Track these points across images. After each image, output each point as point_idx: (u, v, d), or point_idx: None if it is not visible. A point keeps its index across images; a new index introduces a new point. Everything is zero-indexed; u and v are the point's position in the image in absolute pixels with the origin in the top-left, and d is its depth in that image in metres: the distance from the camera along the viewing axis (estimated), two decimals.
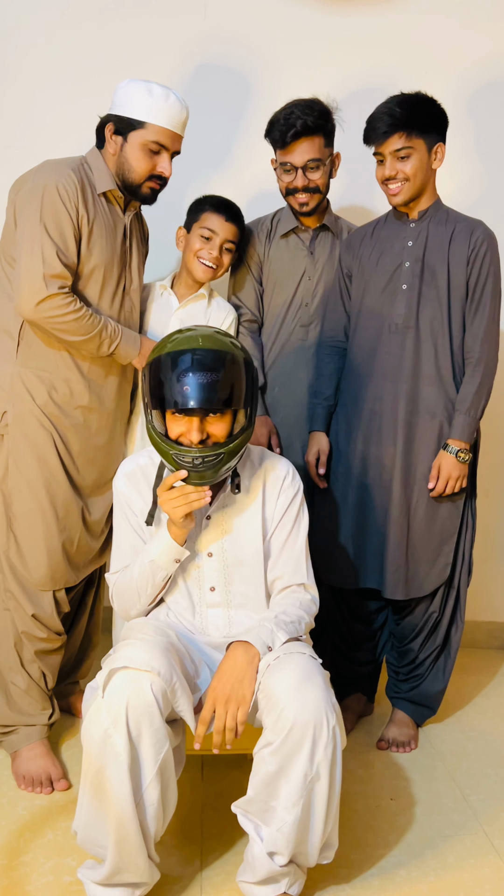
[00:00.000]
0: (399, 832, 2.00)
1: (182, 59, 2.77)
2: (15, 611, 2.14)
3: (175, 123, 2.09)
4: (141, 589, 1.82)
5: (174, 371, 1.66)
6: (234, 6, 2.76)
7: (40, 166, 2.08)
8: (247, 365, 1.73)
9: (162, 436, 1.72)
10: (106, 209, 2.12)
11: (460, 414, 2.22)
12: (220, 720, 1.64)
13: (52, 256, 1.98)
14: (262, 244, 2.45)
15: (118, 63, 2.69)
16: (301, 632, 1.79)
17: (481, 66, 2.81)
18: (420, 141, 2.15)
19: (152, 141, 2.08)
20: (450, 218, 2.25)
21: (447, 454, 2.22)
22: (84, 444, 2.18)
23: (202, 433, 1.69)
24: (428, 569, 2.30)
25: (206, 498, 1.70)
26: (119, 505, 1.88)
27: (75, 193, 2.02)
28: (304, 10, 2.76)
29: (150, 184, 2.13)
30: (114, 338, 2.10)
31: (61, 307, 1.99)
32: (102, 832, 1.61)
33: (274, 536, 1.87)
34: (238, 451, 1.72)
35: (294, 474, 1.89)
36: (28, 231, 2.00)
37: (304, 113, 2.25)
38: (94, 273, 2.09)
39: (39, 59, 2.74)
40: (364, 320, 2.30)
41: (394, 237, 2.28)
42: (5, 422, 2.10)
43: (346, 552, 2.33)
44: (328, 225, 2.44)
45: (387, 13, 2.76)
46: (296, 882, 1.72)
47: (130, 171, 2.10)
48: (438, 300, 2.21)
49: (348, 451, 2.33)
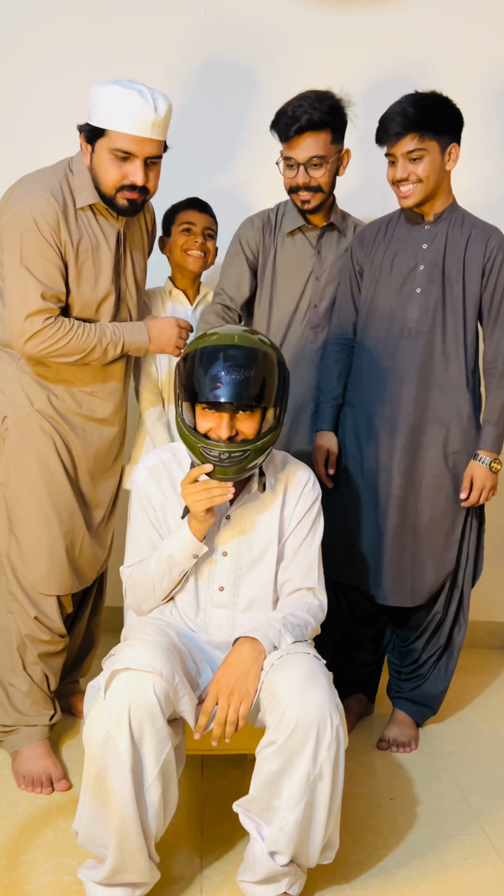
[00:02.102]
0: (399, 832, 2.00)
1: (181, 59, 2.76)
2: (18, 613, 2.14)
3: (141, 127, 1.93)
4: (156, 583, 1.82)
5: (207, 366, 1.68)
6: (234, 6, 2.75)
7: (22, 187, 2.01)
8: (279, 365, 1.75)
9: (191, 429, 1.73)
10: (93, 223, 2.05)
11: (489, 425, 2.22)
12: (223, 712, 1.64)
13: (34, 294, 1.95)
14: (265, 237, 2.38)
15: (117, 62, 2.68)
16: (307, 636, 1.80)
17: (495, 63, 2.78)
18: (433, 142, 2.10)
19: (115, 148, 1.95)
20: (465, 222, 2.22)
21: (480, 465, 2.22)
22: (86, 447, 2.17)
23: (231, 429, 1.70)
24: (429, 575, 2.30)
25: (229, 494, 1.70)
26: (138, 498, 1.88)
27: (55, 221, 1.95)
28: (305, 10, 2.75)
29: (124, 194, 2.00)
30: (116, 339, 2.08)
31: (51, 337, 1.98)
32: (103, 832, 1.62)
33: (289, 540, 1.87)
34: (265, 449, 1.73)
35: (315, 481, 1.91)
36: (10, 268, 1.98)
37: (311, 107, 2.17)
38: (84, 297, 2.07)
39: (38, 59, 2.74)
40: (376, 321, 2.27)
41: (408, 238, 2.25)
42: (6, 426, 2.10)
43: (347, 551, 2.33)
44: (335, 223, 2.38)
45: (391, 12, 2.75)
46: (296, 882, 1.72)
47: (100, 182, 2.00)
48: (453, 306, 2.19)
49: (355, 452, 2.32)
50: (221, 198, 2.59)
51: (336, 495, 2.36)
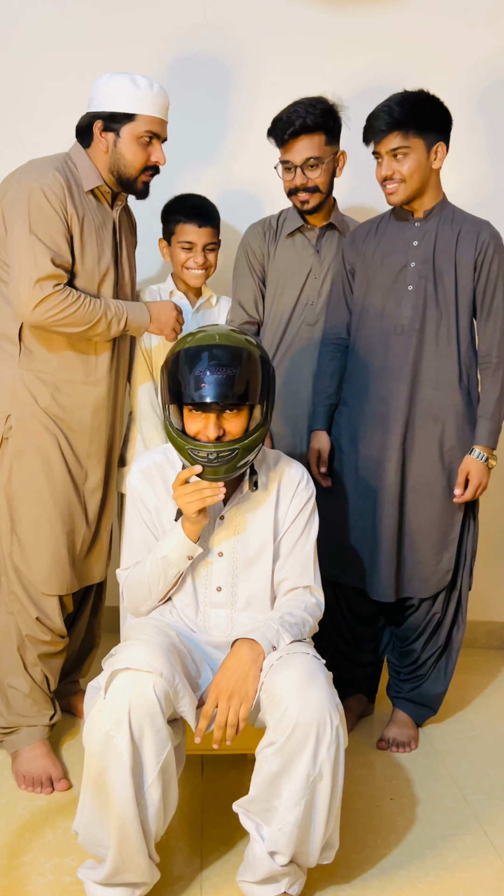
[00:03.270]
0: (399, 832, 2.01)
1: (181, 58, 2.76)
2: (19, 614, 2.14)
3: (162, 111, 2.11)
4: (152, 585, 1.82)
5: (191, 367, 1.67)
6: (235, 5, 2.75)
7: (24, 168, 2.07)
8: (263, 362, 1.74)
9: (178, 431, 1.73)
10: (94, 206, 2.12)
11: (485, 420, 2.22)
12: (223, 715, 1.64)
13: (44, 260, 1.97)
14: (267, 244, 2.43)
15: (118, 63, 2.67)
16: (305, 635, 1.80)
17: (489, 63, 2.79)
18: (418, 140, 2.11)
19: (145, 131, 2.08)
20: (455, 218, 2.23)
21: (475, 460, 2.22)
22: (89, 445, 2.18)
23: (218, 430, 1.70)
24: (427, 573, 2.30)
25: (220, 494, 1.70)
26: (132, 501, 1.88)
27: (62, 193, 2.01)
28: (304, 10, 2.75)
29: (144, 176, 2.14)
30: (119, 313, 2.10)
31: (59, 304, 1.98)
32: (104, 832, 1.62)
33: (284, 538, 1.87)
34: (253, 447, 1.73)
35: (308, 479, 1.91)
36: (18, 238, 1.99)
37: (305, 111, 2.24)
38: (87, 271, 2.09)
39: (38, 59, 2.74)
40: (368, 320, 2.28)
41: (399, 236, 2.25)
42: (9, 424, 2.10)
43: (344, 550, 2.33)
44: (335, 223, 2.41)
45: (390, 11, 2.75)
46: (296, 882, 1.72)
47: (126, 166, 2.10)
48: (445, 303, 2.19)
49: (350, 451, 2.33)
50: (221, 198, 2.59)
51: (331, 494, 2.36)
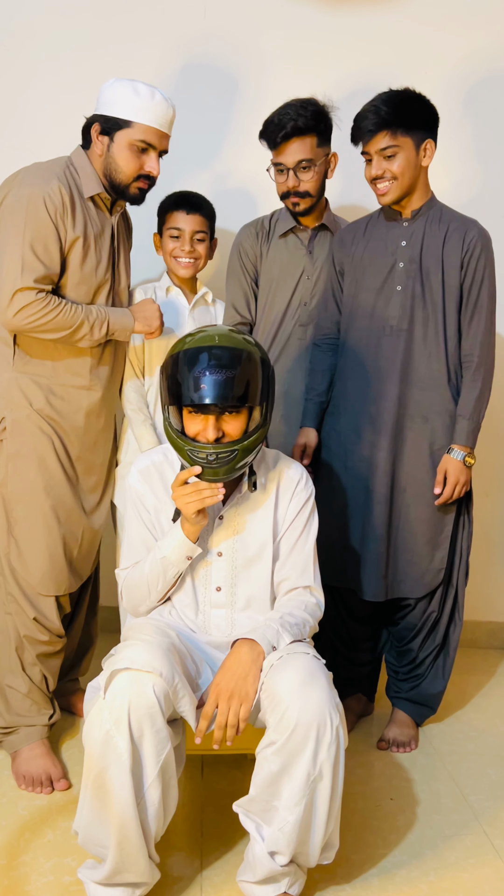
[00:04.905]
0: (399, 832, 2.01)
1: (181, 58, 2.76)
2: (16, 614, 2.14)
3: (161, 122, 2.08)
4: (152, 585, 1.82)
5: (190, 368, 1.67)
6: (234, 5, 2.75)
7: (26, 172, 2.06)
8: (263, 363, 1.74)
9: (178, 432, 1.73)
10: (94, 214, 2.11)
11: (463, 419, 2.21)
12: (223, 716, 1.64)
13: (30, 270, 1.97)
14: (259, 244, 2.44)
15: (116, 61, 2.68)
16: (305, 635, 1.79)
17: (478, 62, 2.79)
18: (407, 139, 2.11)
19: (139, 140, 2.06)
20: (443, 217, 2.23)
21: (453, 459, 2.21)
22: (83, 447, 2.18)
23: (218, 431, 1.69)
24: (420, 572, 2.30)
25: (220, 495, 1.70)
26: (132, 501, 1.88)
27: (62, 207, 2.01)
28: (304, 10, 2.75)
29: (137, 184, 2.11)
30: (102, 318, 2.10)
31: (39, 311, 1.99)
32: (103, 832, 1.61)
33: (284, 538, 1.87)
34: (253, 448, 1.73)
35: (308, 479, 1.91)
36: (10, 243, 1.99)
37: (296, 113, 2.24)
38: (84, 279, 2.09)
39: (37, 57, 2.74)
40: (357, 320, 2.28)
41: (387, 236, 2.26)
42: (4, 426, 2.10)
43: (333, 550, 2.31)
44: (327, 224, 2.42)
45: (386, 13, 2.76)
46: (296, 882, 1.72)
47: (118, 172, 2.09)
48: (433, 302, 2.19)
49: (340, 451, 2.33)
50: (223, 197, 2.59)
51: (322, 495, 2.36)
